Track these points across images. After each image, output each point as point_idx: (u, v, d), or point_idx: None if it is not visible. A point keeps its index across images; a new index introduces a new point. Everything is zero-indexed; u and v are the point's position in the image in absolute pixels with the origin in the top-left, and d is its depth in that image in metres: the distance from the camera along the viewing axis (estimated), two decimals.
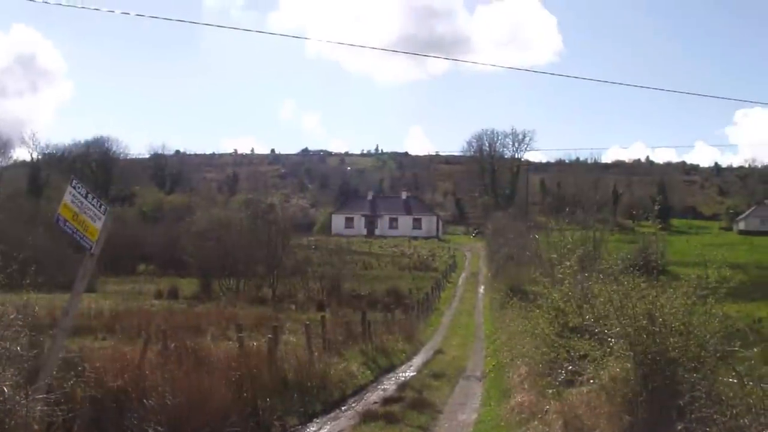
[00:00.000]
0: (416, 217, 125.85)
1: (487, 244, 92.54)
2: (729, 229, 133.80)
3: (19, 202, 78.30)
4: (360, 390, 19.77)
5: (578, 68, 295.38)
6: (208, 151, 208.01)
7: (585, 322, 12.75)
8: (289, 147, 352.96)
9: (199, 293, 51.82)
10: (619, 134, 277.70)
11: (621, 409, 10.63)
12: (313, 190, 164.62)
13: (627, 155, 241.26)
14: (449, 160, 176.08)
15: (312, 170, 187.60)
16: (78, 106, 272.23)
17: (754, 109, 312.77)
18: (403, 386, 20.40)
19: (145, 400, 11.83)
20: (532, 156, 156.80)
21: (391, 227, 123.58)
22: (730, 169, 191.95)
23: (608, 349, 11.45)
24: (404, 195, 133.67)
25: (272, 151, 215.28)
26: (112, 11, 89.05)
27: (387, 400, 17.65)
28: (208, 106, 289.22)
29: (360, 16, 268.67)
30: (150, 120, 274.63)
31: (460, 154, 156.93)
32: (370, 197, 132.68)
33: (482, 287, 66.18)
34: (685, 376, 10.26)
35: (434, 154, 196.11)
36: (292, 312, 41.32)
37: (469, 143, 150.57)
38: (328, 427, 15.22)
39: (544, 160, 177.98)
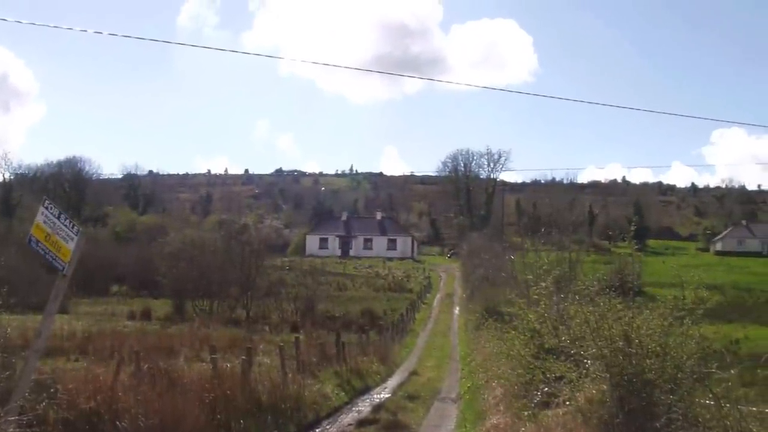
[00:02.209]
0: (391, 237, 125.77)
1: (463, 265, 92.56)
2: (706, 249, 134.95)
3: None
4: (334, 412, 19.62)
5: (554, 88, 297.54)
6: (182, 172, 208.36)
7: (561, 344, 12.75)
8: (263, 167, 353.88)
9: (173, 314, 51.49)
10: (595, 154, 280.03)
11: None
12: (287, 211, 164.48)
13: (603, 175, 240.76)
14: (424, 180, 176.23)
15: (286, 191, 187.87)
16: (50, 126, 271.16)
17: (731, 129, 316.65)
18: (377, 408, 20.27)
19: (117, 422, 11.72)
20: (508, 176, 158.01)
21: (365, 248, 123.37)
22: (706, 189, 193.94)
23: (584, 371, 11.45)
24: (379, 215, 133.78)
25: (246, 171, 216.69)
26: (85, 30, 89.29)
27: (362, 422, 17.55)
28: (182, 126, 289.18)
29: (334, 35, 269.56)
30: (123, 140, 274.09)
31: (435, 174, 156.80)
32: (344, 218, 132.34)
33: (457, 308, 66.26)
34: (662, 398, 10.27)
35: (409, 174, 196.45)
36: (265, 333, 41.01)
37: (444, 163, 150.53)
38: None
39: (519, 181, 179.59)
